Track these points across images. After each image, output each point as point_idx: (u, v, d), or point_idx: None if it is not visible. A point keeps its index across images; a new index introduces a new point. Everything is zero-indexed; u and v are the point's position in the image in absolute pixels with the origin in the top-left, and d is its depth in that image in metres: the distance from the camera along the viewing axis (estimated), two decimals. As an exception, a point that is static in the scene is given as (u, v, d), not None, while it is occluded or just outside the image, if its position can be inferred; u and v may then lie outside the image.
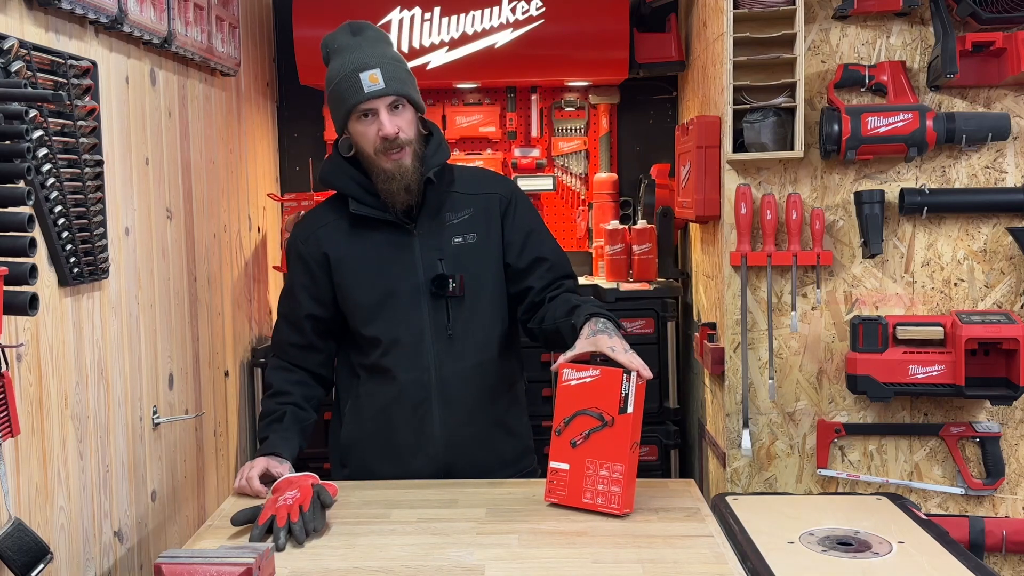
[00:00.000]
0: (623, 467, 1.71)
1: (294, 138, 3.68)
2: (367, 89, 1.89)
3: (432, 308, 2.00)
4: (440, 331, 1.99)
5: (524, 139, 3.69)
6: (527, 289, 2.05)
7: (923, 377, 2.35)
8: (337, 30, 2.00)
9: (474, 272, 2.01)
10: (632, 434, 1.71)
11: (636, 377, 1.71)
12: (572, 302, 1.95)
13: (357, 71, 1.90)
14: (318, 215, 2.11)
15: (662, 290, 3.25)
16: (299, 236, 2.09)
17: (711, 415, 2.86)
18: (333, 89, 1.96)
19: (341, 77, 1.92)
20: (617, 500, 1.72)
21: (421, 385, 1.99)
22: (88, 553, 1.91)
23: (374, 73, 1.89)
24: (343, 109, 1.94)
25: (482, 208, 2.05)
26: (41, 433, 1.72)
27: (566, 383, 1.77)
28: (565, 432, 1.76)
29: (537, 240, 2.08)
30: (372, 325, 2.01)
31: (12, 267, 1.38)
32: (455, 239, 2.01)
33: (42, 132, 1.73)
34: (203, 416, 2.66)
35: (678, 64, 3.34)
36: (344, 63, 1.93)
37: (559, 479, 1.77)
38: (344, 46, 1.95)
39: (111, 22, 2.00)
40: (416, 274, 1.99)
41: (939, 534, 1.73)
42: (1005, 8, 2.26)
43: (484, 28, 3.31)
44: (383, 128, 1.91)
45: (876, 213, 2.37)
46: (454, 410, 2.01)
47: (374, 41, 1.96)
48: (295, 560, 1.58)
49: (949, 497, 2.47)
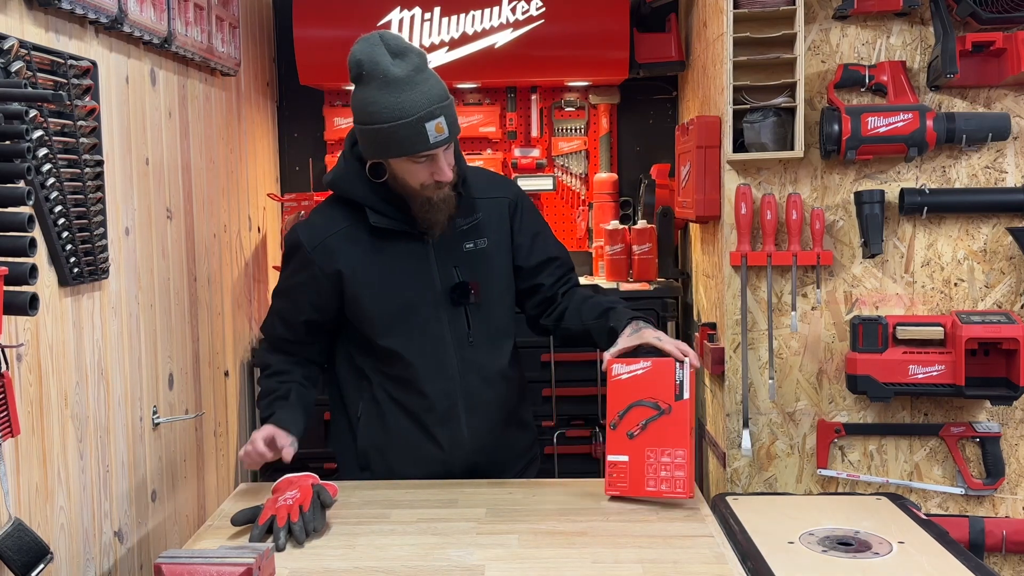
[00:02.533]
0: (685, 452, 1.76)
1: (294, 138, 3.68)
2: (433, 140, 1.78)
3: (451, 317, 1.97)
4: (462, 340, 1.98)
5: (524, 139, 3.69)
6: (537, 286, 2.07)
7: (923, 377, 2.35)
8: (369, 45, 1.79)
9: (487, 277, 2.00)
10: (690, 419, 1.77)
11: (688, 364, 1.78)
12: (603, 304, 1.99)
13: (422, 120, 1.76)
14: (328, 220, 1.99)
15: (662, 290, 3.25)
16: (306, 240, 1.97)
17: (711, 415, 2.86)
18: (387, 130, 1.78)
19: (402, 123, 1.77)
20: (683, 485, 1.76)
21: (447, 395, 1.98)
22: (88, 553, 1.91)
23: (439, 122, 1.78)
24: (397, 152, 1.82)
25: (489, 212, 2.02)
26: (41, 433, 1.72)
27: (617, 377, 1.82)
28: (620, 425, 1.80)
29: (543, 240, 2.09)
30: (390, 337, 1.96)
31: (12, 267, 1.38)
32: (466, 245, 1.98)
33: (42, 132, 1.73)
34: (203, 416, 2.66)
35: (678, 64, 3.34)
36: (401, 105, 1.76)
37: (619, 472, 1.80)
38: (393, 78, 1.76)
39: (111, 22, 2.00)
40: (434, 284, 1.96)
41: (939, 534, 1.73)
42: (1005, 8, 2.26)
43: (484, 28, 3.31)
44: (442, 174, 1.84)
45: (876, 213, 2.37)
46: (479, 415, 2.01)
47: (422, 72, 1.79)
48: (295, 560, 1.58)
49: (949, 497, 2.47)
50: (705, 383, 2.96)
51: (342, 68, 1.88)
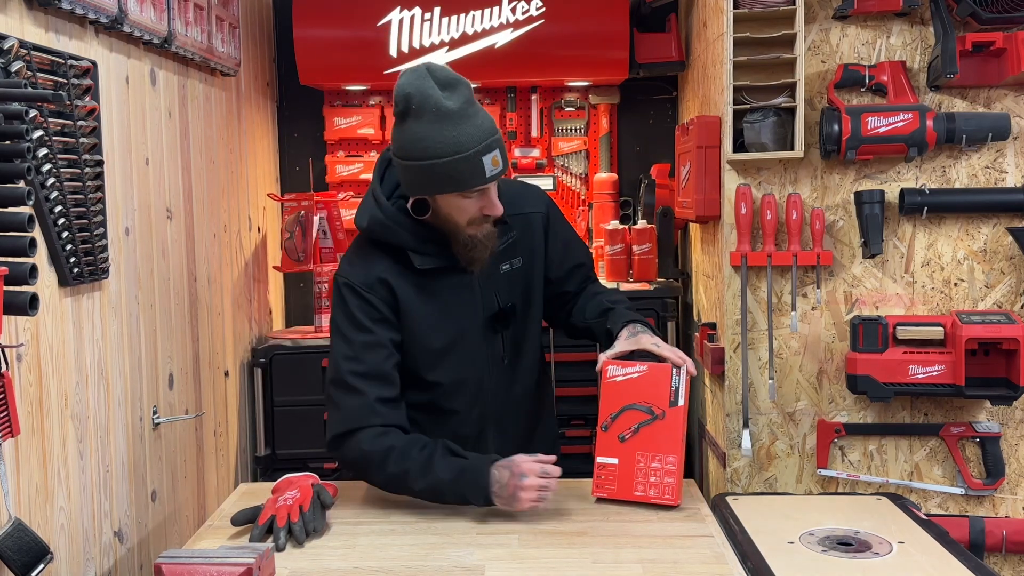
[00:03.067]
0: (676, 459, 1.75)
1: (294, 138, 3.68)
2: (490, 173, 1.72)
3: (490, 342, 1.93)
4: (496, 362, 1.94)
5: (524, 139, 3.69)
6: (564, 293, 2.04)
7: (923, 377, 2.35)
8: (417, 77, 1.71)
9: (523, 296, 1.96)
10: (683, 426, 1.76)
11: (685, 371, 1.77)
12: (604, 304, 1.97)
13: (480, 154, 1.70)
14: (369, 260, 1.86)
15: (662, 290, 3.25)
16: (357, 282, 1.84)
17: (711, 415, 2.86)
18: (443, 165, 1.70)
19: (460, 158, 1.69)
20: (671, 491, 1.75)
21: (480, 417, 1.94)
22: (88, 553, 1.91)
23: (495, 155, 1.72)
24: (454, 188, 1.74)
25: (524, 230, 1.95)
26: (41, 433, 1.72)
27: (611, 379, 1.81)
28: (612, 427, 1.80)
29: (573, 247, 2.05)
30: (437, 370, 1.90)
31: (12, 267, 1.38)
32: (503, 266, 1.92)
33: (42, 132, 1.73)
34: (203, 416, 2.66)
35: (678, 64, 3.34)
36: (458, 139, 1.69)
37: (607, 474, 1.79)
38: (446, 111, 1.68)
39: (111, 22, 2.00)
40: (478, 312, 1.90)
41: (939, 534, 1.73)
42: (1005, 8, 2.26)
43: (484, 28, 3.31)
44: (492, 208, 1.78)
45: (876, 213, 2.37)
46: (507, 435, 1.98)
47: (473, 104, 1.73)
48: (295, 560, 1.58)
49: (949, 497, 2.47)
50: (705, 383, 2.96)
51: (342, 68, 1.84)
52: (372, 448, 1.77)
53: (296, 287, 3.72)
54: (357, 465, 1.81)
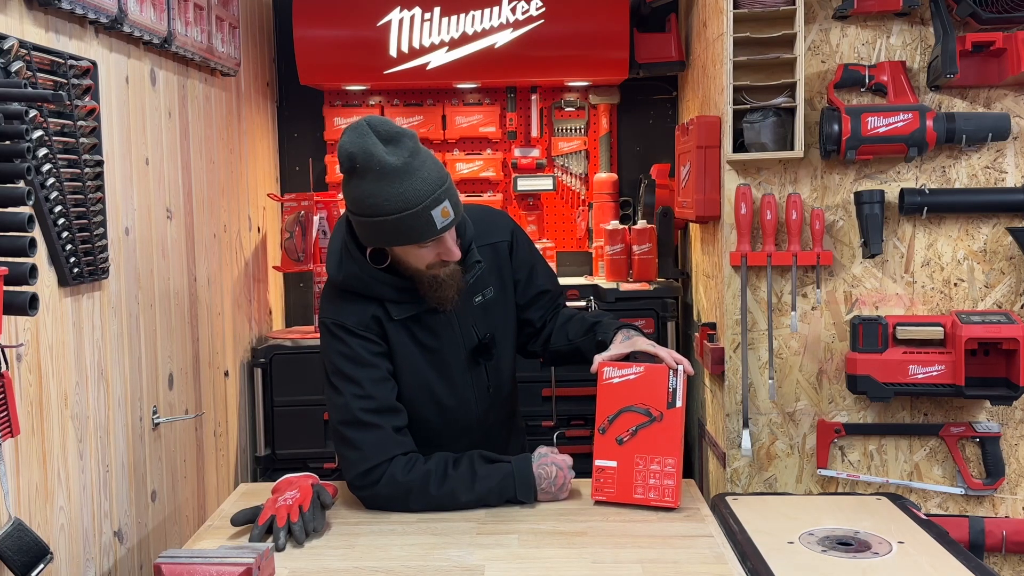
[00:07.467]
0: (675, 461, 1.74)
1: (294, 138, 3.68)
2: (440, 225, 1.71)
3: (475, 373, 1.95)
4: (482, 392, 1.96)
5: (524, 139, 3.69)
6: (526, 321, 2.04)
7: (923, 377, 2.35)
8: (358, 135, 1.68)
9: (498, 325, 1.97)
10: (681, 428, 1.75)
11: (682, 372, 1.76)
12: (588, 320, 1.97)
13: (428, 209, 1.68)
14: (356, 304, 1.85)
15: (662, 290, 3.25)
16: (351, 322, 1.83)
17: (711, 415, 2.86)
18: (392, 221, 1.69)
19: (407, 214, 1.68)
20: (671, 493, 1.74)
21: (468, 444, 1.92)
22: (88, 553, 1.91)
23: (444, 207, 1.70)
24: (405, 242, 1.73)
25: (491, 259, 1.95)
26: (41, 433, 1.72)
27: (608, 381, 1.79)
28: (610, 430, 1.78)
29: (536, 273, 2.04)
30: (425, 408, 1.90)
31: (12, 267, 1.38)
32: (476, 298, 1.91)
33: (42, 132, 1.73)
34: (203, 416, 2.66)
35: (678, 64, 3.34)
36: (404, 196, 1.67)
37: (606, 477, 1.78)
38: (390, 168, 1.66)
39: (111, 22, 2.01)
40: (459, 348, 1.91)
41: (939, 534, 1.73)
42: (1005, 8, 2.26)
43: (484, 28, 3.31)
44: (449, 254, 1.77)
45: (876, 213, 2.37)
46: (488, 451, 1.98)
47: (418, 155, 1.70)
48: (295, 560, 1.58)
49: (949, 497, 2.47)
50: (705, 383, 2.96)
51: (342, 68, 1.83)
52: (409, 477, 1.77)
53: (296, 287, 3.72)
54: (394, 497, 1.80)
